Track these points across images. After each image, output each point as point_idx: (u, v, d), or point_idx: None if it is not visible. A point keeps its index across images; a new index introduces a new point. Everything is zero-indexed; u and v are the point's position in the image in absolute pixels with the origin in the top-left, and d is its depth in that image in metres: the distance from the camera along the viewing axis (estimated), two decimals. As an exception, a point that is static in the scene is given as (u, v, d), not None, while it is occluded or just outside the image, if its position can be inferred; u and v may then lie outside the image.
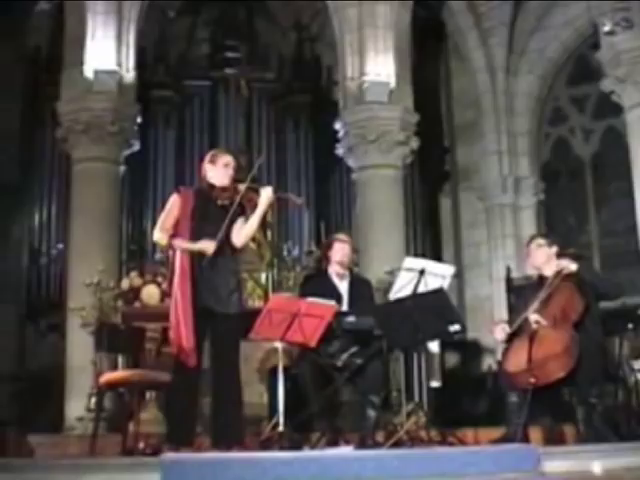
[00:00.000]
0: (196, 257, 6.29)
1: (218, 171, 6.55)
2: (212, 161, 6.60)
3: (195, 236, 6.34)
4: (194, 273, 6.26)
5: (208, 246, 6.28)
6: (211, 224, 6.36)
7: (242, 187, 6.46)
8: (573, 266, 6.80)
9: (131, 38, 11.92)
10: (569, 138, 15.13)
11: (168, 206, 6.52)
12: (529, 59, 15.01)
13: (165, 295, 9.77)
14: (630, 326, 8.55)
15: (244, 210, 6.51)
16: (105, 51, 11.66)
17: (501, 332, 6.91)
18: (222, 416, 6.30)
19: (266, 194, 6.47)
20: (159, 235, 6.47)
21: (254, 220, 6.51)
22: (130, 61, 11.85)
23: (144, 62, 13.39)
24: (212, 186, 6.53)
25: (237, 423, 6.36)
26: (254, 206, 6.48)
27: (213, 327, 6.36)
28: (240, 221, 6.49)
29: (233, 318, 6.39)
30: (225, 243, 6.38)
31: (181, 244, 6.32)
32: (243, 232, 6.50)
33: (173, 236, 6.39)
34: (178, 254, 6.33)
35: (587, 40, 13.97)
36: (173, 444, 6.11)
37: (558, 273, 6.84)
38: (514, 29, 14.74)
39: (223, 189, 6.50)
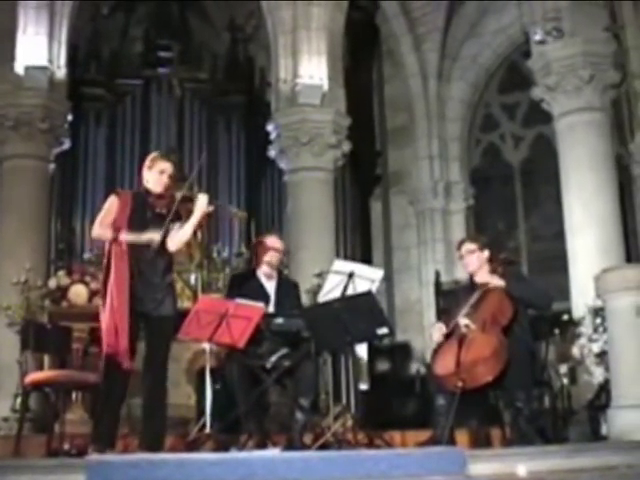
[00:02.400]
0: (134, 256, 6.24)
1: (153, 177, 6.49)
2: (149, 166, 6.53)
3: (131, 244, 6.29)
4: (131, 274, 6.21)
5: (155, 237, 6.25)
6: (148, 230, 6.32)
7: (179, 195, 6.41)
8: (500, 282, 6.86)
9: (63, 34, 11.81)
10: (499, 144, 15.30)
11: (106, 206, 6.42)
12: (462, 65, 15.15)
13: (94, 294, 9.70)
14: (556, 331, 8.66)
15: (180, 217, 6.47)
16: (36, 47, 11.54)
17: (438, 332, 6.93)
18: (152, 419, 6.26)
19: (200, 203, 6.44)
20: (100, 231, 6.36)
21: (188, 228, 6.47)
22: (62, 58, 11.74)
23: (76, 59, 13.30)
24: (148, 192, 6.49)
25: (163, 424, 6.34)
26: (190, 214, 6.45)
27: (147, 329, 6.32)
28: (176, 227, 6.45)
29: (167, 320, 6.36)
30: (161, 248, 6.34)
31: (128, 237, 6.26)
32: (177, 238, 6.46)
33: (117, 230, 6.31)
34: (115, 255, 6.26)
35: (519, 48, 14.14)
36: (97, 445, 6.05)
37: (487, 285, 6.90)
38: (447, 35, 14.86)
39: (159, 196, 6.45)
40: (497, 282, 6.88)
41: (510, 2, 13.66)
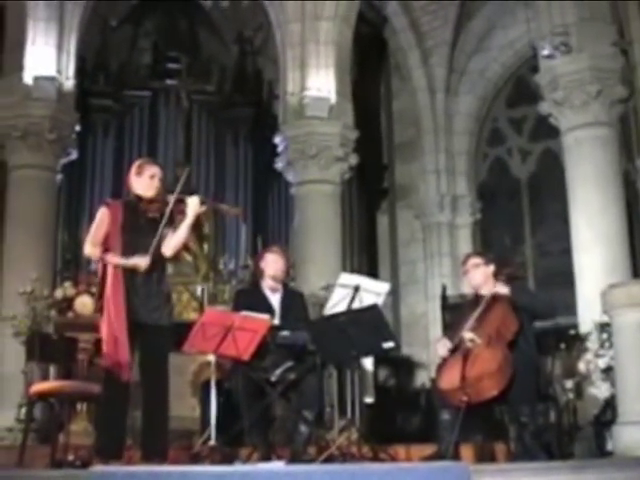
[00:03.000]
0: (128, 270, 6.23)
1: (144, 183, 6.45)
2: (138, 173, 6.49)
3: (127, 250, 6.26)
4: (127, 286, 6.20)
5: (141, 262, 6.22)
6: (143, 237, 6.30)
7: (171, 198, 6.40)
8: (504, 290, 6.86)
9: (72, 45, 11.86)
10: (506, 159, 15.29)
11: (97, 220, 6.40)
12: (469, 80, 15.16)
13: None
14: (562, 346, 8.64)
15: (174, 220, 6.46)
16: (45, 58, 11.59)
17: (443, 348, 6.92)
18: (152, 429, 6.25)
19: (192, 204, 6.43)
20: (90, 250, 6.37)
21: (182, 230, 6.45)
22: (70, 69, 11.79)
23: (84, 70, 13.33)
24: (140, 198, 6.46)
25: (164, 437, 6.32)
26: (183, 217, 6.44)
27: (144, 340, 6.31)
28: (170, 233, 6.44)
29: (164, 331, 6.35)
30: (157, 255, 6.32)
31: (113, 260, 6.25)
32: (172, 243, 6.44)
33: (105, 250, 6.31)
34: (110, 268, 6.25)
35: (527, 62, 14.13)
36: (102, 457, 6.04)
37: (494, 294, 6.89)
38: (455, 49, 14.87)
39: (151, 201, 6.42)
40: (502, 289, 6.88)
41: (518, 17, 13.69)
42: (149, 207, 6.40)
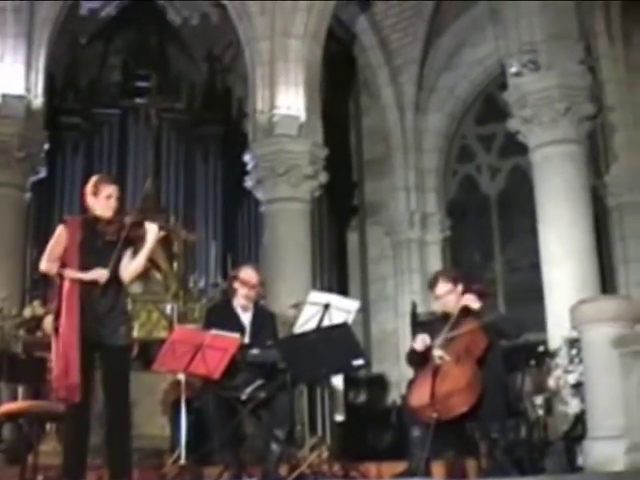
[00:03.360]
0: (85, 288, 6.16)
1: (100, 203, 6.33)
2: (94, 193, 6.35)
3: (83, 270, 6.20)
4: (82, 304, 6.12)
5: (101, 275, 6.14)
6: (100, 259, 6.19)
7: (128, 220, 6.27)
8: (476, 304, 6.86)
9: (41, 63, 11.83)
10: (476, 176, 15.35)
11: (55, 237, 6.27)
12: (438, 97, 15.22)
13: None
14: (532, 362, 8.66)
15: (132, 242, 6.38)
16: (14, 75, 11.56)
17: (421, 343, 6.92)
18: (115, 449, 6.19)
19: (152, 231, 6.35)
20: (48, 265, 6.23)
21: (141, 259, 6.35)
22: (39, 86, 11.76)
23: (54, 88, 13.31)
24: (97, 218, 6.34)
25: (127, 456, 6.26)
26: (141, 240, 6.36)
27: (103, 360, 6.22)
28: (127, 255, 6.36)
29: (123, 350, 6.29)
30: (113, 277, 6.25)
31: (71, 273, 6.15)
32: (130, 269, 6.34)
33: (62, 266, 6.23)
34: (66, 285, 6.14)
35: (495, 80, 14.20)
36: (68, 477, 5.99)
37: (462, 309, 6.90)
38: (424, 67, 14.93)
39: (108, 222, 6.30)
40: (472, 303, 6.87)
41: (487, 34, 13.78)
42: (107, 229, 6.28)
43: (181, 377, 7.61)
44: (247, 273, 7.76)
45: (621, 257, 12.68)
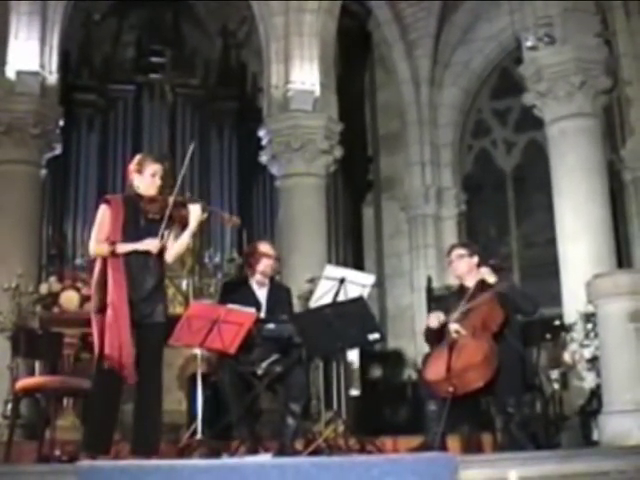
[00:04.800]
0: (132, 264, 6.17)
1: (145, 180, 6.37)
2: (138, 170, 6.39)
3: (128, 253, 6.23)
4: (130, 281, 6.15)
5: (153, 244, 6.19)
6: (143, 236, 6.22)
7: (171, 200, 6.28)
8: (492, 278, 6.86)
9: (55, 40, 11.80)
10: (491, 150, 15.31)
11: (99, 218, 6.28)
12: (453, 72, 15.17)
13: (86, 300, 9.64)
14: (548, 336, 8.66)
15: (174, 222, 6.40)
16: (28, 52, 11.54)
17: (435, 320, 6.93)
18: (145, 426, 6.22)
19: (195, 212, 6.38)
20: (98, 248, 6.20)
21: (185, 239, 6.41)
22: (53, 63, 11.73)
23: (68, 64, 13.29)
24: (140, 195, 6.37)
25: (157, 433, 6.30)
26: (183, 220, 6.38)
27: (140, 336, 6.24)
28: (171, 235, 6.39)
29: (160, 327, 6.32)
30: (155, 255, 6.27)
31: (126, 247, 6.17)
32: (174, 250, 6.41)
33: (111, 244, 6.21)
34: (110, 267, 6.15)
35: (511, 54, 14.14)
36: (90, 451, 6.02)
37: (479, 283, 6.90)
38: (439, 41, 14.88)
39: (151, 200, 6.33)
40: (489, 277, 6.86)
41: (502, 9, 13.69)
42: (150, 207, 6.30)
43: (197, 352, 7.64)
44: (265, 246, 7.78)
45: (637, 231, 12.61)
